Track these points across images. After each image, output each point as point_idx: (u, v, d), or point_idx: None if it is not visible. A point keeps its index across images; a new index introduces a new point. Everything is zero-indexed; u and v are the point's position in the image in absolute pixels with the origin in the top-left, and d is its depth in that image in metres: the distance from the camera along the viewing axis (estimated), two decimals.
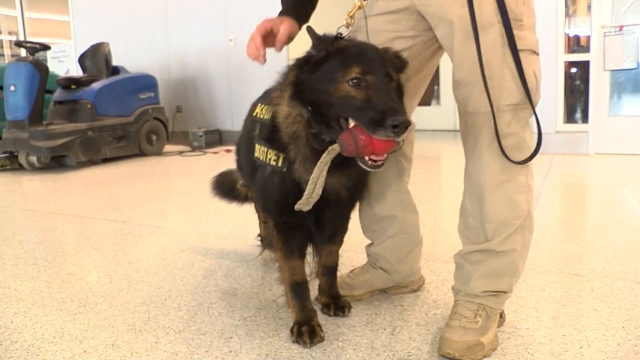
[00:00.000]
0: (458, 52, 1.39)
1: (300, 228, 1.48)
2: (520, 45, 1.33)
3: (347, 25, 1.44)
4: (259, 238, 2.34)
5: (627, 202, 3.25)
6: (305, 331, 1.45)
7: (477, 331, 1.36)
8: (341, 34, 1.37)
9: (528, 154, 1.39)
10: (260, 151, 1.45)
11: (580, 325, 1.52)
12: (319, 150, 1.28)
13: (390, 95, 1.20)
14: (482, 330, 1.37)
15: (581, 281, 1.88)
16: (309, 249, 1.61)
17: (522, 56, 1.33)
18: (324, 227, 1.48)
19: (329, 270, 1.68)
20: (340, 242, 1.69)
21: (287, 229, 1.49)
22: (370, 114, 1.16)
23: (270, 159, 1.41)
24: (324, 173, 1.27)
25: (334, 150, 1.24)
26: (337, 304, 1.66)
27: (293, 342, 1.46)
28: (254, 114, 1.55)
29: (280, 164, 1.38)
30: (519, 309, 1.64)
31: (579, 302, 1.70)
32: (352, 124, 1.21)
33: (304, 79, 1.29)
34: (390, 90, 1.23)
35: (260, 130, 1.48)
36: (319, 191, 1.28)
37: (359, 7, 1.47)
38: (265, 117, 1.45)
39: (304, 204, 1.29)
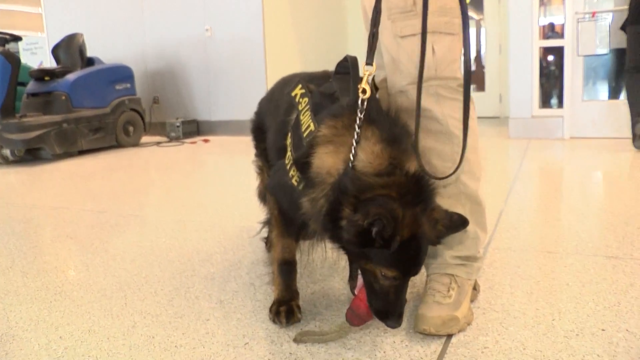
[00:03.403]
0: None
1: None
2: (408, 31, 1.44)
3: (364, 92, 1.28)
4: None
5: (600, 184, 3.31)
6: (283, 311, 1.45)
7: (451, 306, 1.38)
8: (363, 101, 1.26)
9: (450, 125, 1.46)
10: (288, 157, 1.37)
11: (553, 300, 1.55)
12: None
13: (401, 300, 1.25)
14: (456, 305, 1.39)
15: (555, 258, 1.92)
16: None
17: (414, 39, 1.42)
18: None
19: None
20: None
21: (288, 212, 1.48)
22: (378, 305, 1.25)
23: (292, 176, 1.34)
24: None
25: (348, 329, 1.39)
26: None
27: (270, 319, 1.47)
28: (293, 94, 1.44)
29: (300, 187, 1.31)
30: (494, 286, 1.66)
31: (552, 278, 1.73)
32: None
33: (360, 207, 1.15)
34: (404, 293, 1.26)
35: (293, 135, 1.37)
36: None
37: (370, 74, 1.32)
38: (303, 115, 1.34)
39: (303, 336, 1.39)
